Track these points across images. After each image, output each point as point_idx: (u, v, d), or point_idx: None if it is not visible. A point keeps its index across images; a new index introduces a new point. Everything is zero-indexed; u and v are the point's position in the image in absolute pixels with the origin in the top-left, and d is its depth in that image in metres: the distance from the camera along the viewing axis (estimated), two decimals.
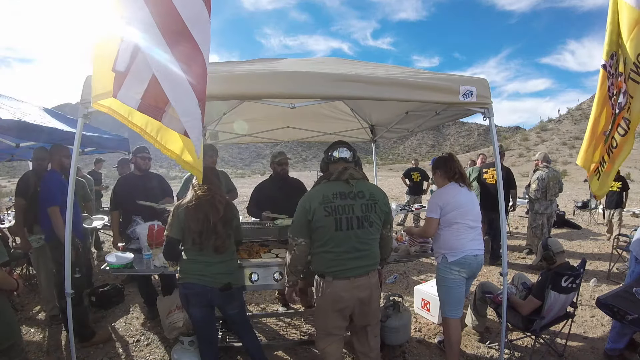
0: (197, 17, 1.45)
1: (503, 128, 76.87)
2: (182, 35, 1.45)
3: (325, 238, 1.99)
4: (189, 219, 2.15)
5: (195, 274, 2.19)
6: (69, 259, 2.25)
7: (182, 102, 1.46)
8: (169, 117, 1.52)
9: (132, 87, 1.49)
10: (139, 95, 1.51)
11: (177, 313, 3.09)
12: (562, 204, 9.63)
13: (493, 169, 5.20)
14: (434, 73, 2.51)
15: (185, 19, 1.45)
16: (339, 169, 2.07)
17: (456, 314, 2.57)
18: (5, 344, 1.86)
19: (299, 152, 75.12)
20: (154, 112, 1.53)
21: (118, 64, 1.47)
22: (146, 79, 1.49)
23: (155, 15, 1.44)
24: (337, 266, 1.99)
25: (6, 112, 3.02)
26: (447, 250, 2.53)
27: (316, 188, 2.08)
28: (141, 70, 1.48)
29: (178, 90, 1.46)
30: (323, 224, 1.97)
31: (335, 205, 1.97)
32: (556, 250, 2.71)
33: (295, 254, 2.05)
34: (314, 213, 1.96)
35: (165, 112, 1.52)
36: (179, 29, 1.45)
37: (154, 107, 1.51)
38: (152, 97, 1.50)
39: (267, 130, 4.68)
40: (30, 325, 3.52)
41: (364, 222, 2.00)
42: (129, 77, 1.49)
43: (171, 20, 1.45)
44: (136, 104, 1.52)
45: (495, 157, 2.69)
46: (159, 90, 1.47)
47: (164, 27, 1.45)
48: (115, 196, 3.59)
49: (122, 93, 1.50)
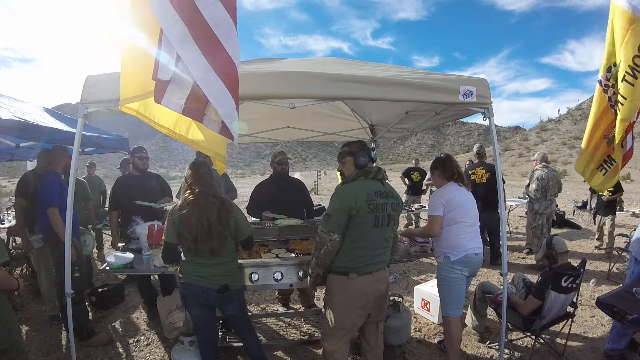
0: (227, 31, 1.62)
1: (503, 128, 76.89)
2: (215, 46, 1.61)
3: (362, 234, 2.03)
4: (182, 227, 2.11)
5: (193, 275, 2.19)
6: (69, 259, 2.25)
7: (223, 105, 1.63)
8: (208, 118, 1.69)
9: (174, 93, 1.65)
10: (182, 101, 1.67)
11: (177, 313, 3.09)
12: (562, 204, 9.64)
13: (481, 168, 5.19)
14: (433, 73, 2.51)
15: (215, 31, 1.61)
16: (374, 168, 2.16)
17: (457, 312, 2.58)
18: (6, 344, 1.86)
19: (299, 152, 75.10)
20: (196, 115, 1.69)
21: (160, 74, 1.62)
22: (188, 86, 1.65)
23: (190, 29, 1.59)
24: (364, 262, 2.06)
25: (6, 112, 3.02)
26: (449, 249, 2.54)
27: (356, 184, 2.09)
28: (182, 78, 1.64)
29: (218, 96, 1.62)
30: (364, 221, 2.02)
31: (377, 203, 2.05)
32: (559, 250, 2.71)
33: (327, 250, 2.03)
34: (359, 210, 2.00)
35: (205, 114, 1.69)
36: (210, 39, 1.61)
37: (195, 110, 1.67)
38: (194, 102, 1.66)
39: (267, 130, 4.68)
40: (30, 325, 3.52)
41: (390, 220, 2.13)
42: (171, 85, 1.65)
43: (203, 31, 1.61)
44: (180, 109, 1.68)
45: (495, 157, 2.69)
46: (201, 95, 1.63)
47: (198, 39, 1.60)
48: (114, 196, 3.59)
49: (166, 99, 1.65)
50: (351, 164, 2.18)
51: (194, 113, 1.69)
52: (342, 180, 2.22)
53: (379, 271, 2.12)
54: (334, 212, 2.03)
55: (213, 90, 1.61)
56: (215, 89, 1.60)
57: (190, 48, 1.60)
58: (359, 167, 2.15)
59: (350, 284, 2.05)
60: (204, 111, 1.68)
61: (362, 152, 2.17)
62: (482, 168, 5.18)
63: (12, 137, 3.59)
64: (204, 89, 1.61)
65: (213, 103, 1.63)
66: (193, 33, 1.60)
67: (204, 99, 1.63)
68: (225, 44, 1.61)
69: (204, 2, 1.60)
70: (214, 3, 1.60)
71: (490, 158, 5.22)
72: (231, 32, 1.63)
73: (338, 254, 2.08)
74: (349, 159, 2.19)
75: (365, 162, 2.16)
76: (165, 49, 1.62)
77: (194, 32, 1.60)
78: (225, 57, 1.61)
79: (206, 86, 1.61)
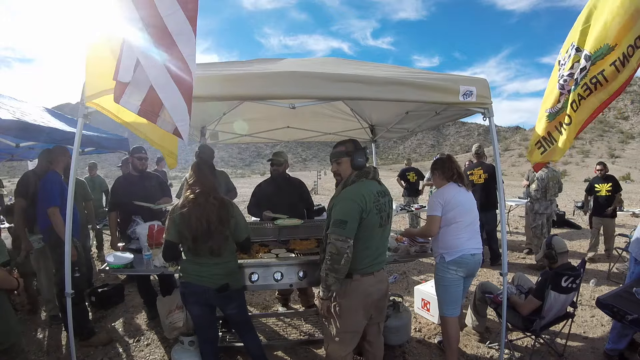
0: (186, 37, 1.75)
1: (503, 128, 76.88)
2: (173, 51, 1.74)
3: (368, 236, 2.02)
4: (182, 225, 2.11)
5: (193, 274, 2.19)
6: (69, 259, 2.25)
7: (176, 109, 1.75)
8: (161, 120, 1.82)
9: (132, 95, 1.76)
10: (138, 102, 1.77)
11: (177, 313, 3.09)
12: (562, 204, 9.64)
13: (479, 169, 5.19)
14: (433, 73, 2.52)
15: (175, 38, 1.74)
16: (372, 168, 2.15)
17: (454, 312, 2.59)
18: (6, 344, 1.86)
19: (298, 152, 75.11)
20: (150, 117, 1.81)
21: (121, 75, 1.71)
22: (145, 89, 1.76)
23: (153, 35, 1.72)
24: (368, 263, 2.05)
25: (6, 112, 3.02)
26: (444, 249, 2.55)
27: (360, 185, 2.04)
28: (140, 81, 1.74)
29: (172, 100, 1.75)
30: (372, 222, 2.00)
31: (380, 203, 2.06)
32: (559, 250, 2.71)
33: (347, 258, 1.91)
34: (369, 212, 1.98)
35: (159, 116, 1.80)
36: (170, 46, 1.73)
37: (150, 112, 1.80)
38: (150, 104, 1.78)
39: (267, 130, 4.68)
40: (30, 325, 3.52)
41: (389, 218, 2.15)
42: (130, 87, 1.75)
43: (164, 37, 1.72)
44: (136, 110, 1.79)
45: (495, 157, 2.69)
46: (156, 98, 1.75)
47: (158, 45, 1.73)
48: (113, 196, 3.59)
49: (124, 100, 1.77)
50: (348, 165, 2.10)
51: (149, 114, 1.79)
52: (342, 183, 2.11)
53: (379, 271, 2.12)
54: (349, 217, 1.92)
55: (168, 95, 1.73)
56: (171, 94, 1.73)
57: (150, 54, 1.71)
58: (357, 168, 2.09)
59: (354, 286, 2.03)
60: (158, 113, 1.80)
61: (359, 153, 2.09)
62: (480, 168, 5.18)
63: (12, 137, 3.59)
64: (160, 93, 1.74)
65: (167, 107, 1.75)
66: (155, 39, 1.72)
67: (159, 102, 1.75)
68: (184, 52, 1.73)
69: (166, 10, 1.70)
70: (176, 12, 1.71)
71: (490, 158, 5.22)
72: (190, 40, 1.75)
73: None
74: (345, 159, 2.11)
75: (364, 162, 2.10)
76: (127, 52, 1.71)
77: (156, 38, 1.72)
78: (182, 65, 1.73)
79: (162, 91, 1.73)
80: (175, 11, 1.72)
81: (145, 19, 1.71)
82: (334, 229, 1.94)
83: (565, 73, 2.73)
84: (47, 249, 3.27)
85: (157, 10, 1.71)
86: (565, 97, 2.76)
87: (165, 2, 1.71)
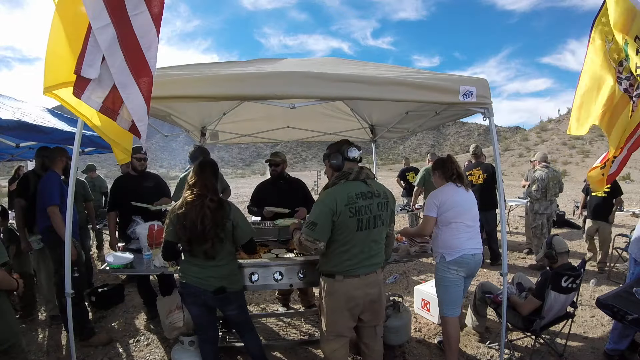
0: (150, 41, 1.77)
1: (503, 128, 76.86)
2: (137, 53, 1.75)
3: (345, 239, 1.99)
4: (178, 227, 2.10)
5: (191, 275, 2.19)
6: (69, 259, 2.25)
7: (136, 108, 1.78)
8: (120, 117, 1.85)
9: (95, 92, 1.77)
10: (100, 100, 1.79)
11: (177, 313, 3.09)
12: (562, 204, 9.62)
13: (478, 169, 5.19)
14: (433, 73, 2.51)
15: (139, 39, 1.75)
16: (355, 169, 2.09)
17: (454, 312, 2.58)
18: (6, 344, 1.86)
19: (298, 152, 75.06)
20: (111, 114, 1.83)
21: (85, 70, 1.70)
22: (107, 88, 1.77)
23: (118, 33, 1.71)
24: (350, 265, 2.01)
25: (6, 112, 3.02)
26: (445, 249, 2.54)
27: (337, 188, 2.04)
28: (104, 79, 1.76)
29: (133, 100, 1.77)
30: (346, 225, 1.96)
31: (359, 206, 1.99)
32: (559, 250, 2.71)
33: (311, 254, 2.05)
34: (340, 214, 1.94)
35: (119, 114, 1.84)
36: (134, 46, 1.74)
37: (111, 110, 1.82)
38: (111, 102, 1.80)
39: (267, 130, 4.68)
40: (30, 325, 3.52)
41: (377, 220, 2.05)
42: (93, 83, 1.75)
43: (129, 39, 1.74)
44: (98, 107, 1.80)
45: (495, 157, 2.69)
46: (117, 97, 1.78)
47: (123, 45, 1.73)
48: (112, 197, 3.59)
49: (86, 96, 1.76)
50: (329, 167, 2.16)
51: (109, 112, 1.82)
52: (325, 185, 2.16)
53: (368, 275, 2.05)
54: (317, 219, 1.96)
55: (129, 95, 1.77)
56: (132, 93, 1.76)
57: (116, 52, 1.72)
58: (336, 170, 2.13)
59: (337, 286, 2.03)
60: (118, 111, 1.82)
61: (335, 154, 2.13)
62: (479, 169, 5.18)
63: (12, 137, 3.59)
64: (122, 92, 1.76)
65: (128, 106, 1.78)
66: (120, 38, 1.72)
67: (120, 100, 1.78)
68: (146, 53, 1.76)
69: (133, 10, 1.72)
70: (142, 12, 1.73)
71: (490, 158, 5.22)
72: (153, 42, 1.78)
73: (324, 258, 2.08)
74: (326, 162, 2.18)
75: (338, 164, 2.12)
76: (93, 48, 1.71)
77: (120, 37, 1.72)
78: (144, 65, 1.76)
79: (124, 90, 1.76)
80: (142, 12, 1.73)
81: (112, 15, 1.70)
82: (304, 229, 2.02)
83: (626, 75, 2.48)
84: (47, 249, 3.27)
85: (125, 8, 1.71)
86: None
87: (134, 0, 1.71)
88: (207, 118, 4.13)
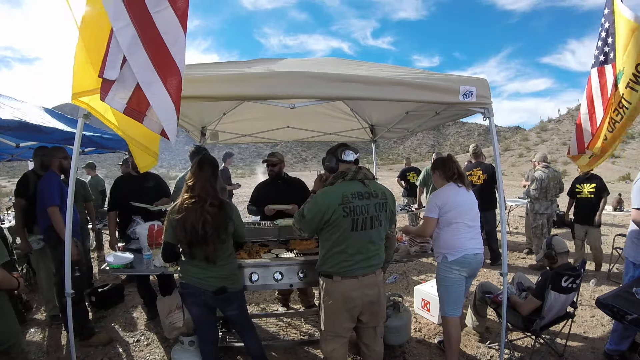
0: (175, 37, 1.71)
1: (503, 128, 76.79)
2: (162, 51, 1.70)
3: (340, 238, 1.99)
4: (177, 229, 2.07)
5: (191, 276, 2.18)
6: (69, 259, 2.25)
7: (163, 109, 1.72)
8: (148, 119, 1.78)
9: (118, 93, 1.72)
10: (124, 101, 1.74)
11: (177, 313, 3.09)
12: (562, 204, 9.62)
13: (478, 169, 5.18)
14: (433, 73, 2.52)
15: (163, 36, 1.70)
16: (352, 169, 2.10)
17: (455, 312, 2.58)
18: (6, 344, 1.86)
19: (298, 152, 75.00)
20: (136, 116, 1.77)
21: (107, 72, 1.67)
22: (131, 87, 1.72)
23: (140, 32, 1.66)
24: (347, 266, 2.01)
25: (6, 112, 3.02)
26: (446, 249, 2.54)
27: (332, 187, 2.05)
28: (127, 79, 1.70)
29: (159, 100, 1.71)
30: (340, 225, 1.97)
31: (354, 205, 1.98)
32: (559, 250, 2.71)
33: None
34: (333, 213, 1.95)
35: (146, 115, 1.77)
36: (158, 44, 1.69)
37: (137, 111, 1.77)
38: (136, 103, 1.75)
39: (267, 130, 4.69)
40: (30, 325, 3.52)
41: (375, 221, 2.04)
42: (116, 84, 1.71)
43: (152, 35, 1.68)
44: (122, 108, 1.75)
45: (495, 157, 2.69)
46: (143, 98, 1.71)
47: (146, 43, 1.68)
48: (112, 196, 3.59)
49: (110, 98, 1.71)
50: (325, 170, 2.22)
51: (135, 113, 1.76)
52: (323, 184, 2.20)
53: (367, 275, 2.04)
54: (307, 211, 2.02)
55: (155, 94, 1.69)
56: (158, 93, 1.69)
57: (138, 51, 1.67)
58: (330, 172, 2.18)
59: (335, 287, 2.03)
60: (145, 112, 1.77)
61: (330, 157, 2.19)
62: (479, 169, 5.18)
63: (12, 137, 3.59)
64: (147, 92, 1.70)
65: (154, 106, 1.71)
66: (142, 36, 1.67)
67: (146, 101, 1.72)
68: (172, 50, 1.69)
69: (155, 7, 1.66)
70: (166, 8, 1.67)
71: (490, 158, 5.22)
72: (179, 37, 1.71)
73: (322, 258, 2.08)
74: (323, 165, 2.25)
75: (332, 165, 2.18)
76: (114, 49, 1.67)
77: (143, 36, 1.67)
78: (170, 63, 1.69)
79: (149, 90, 1.69)
80: (165, 8, 1.68)
81: (132, 14, 1.66)
82: (295, 216, 2.11)
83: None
84: (47, 248, 3.27)
85: (145, 6, 1.67)
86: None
87: None
88: (207, 118, 4.13)
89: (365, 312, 2.08)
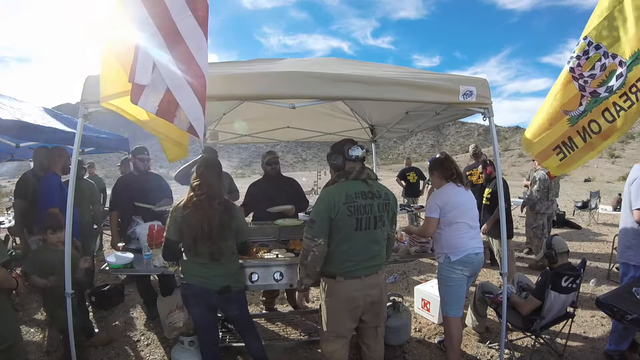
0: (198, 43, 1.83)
1: (503, 128, 76.74)
2: (186, 54, 1.82)
3: (344, 238, 1.98)
4: (183, 225, 2.08)
5: (194, 276, 2.17)
6: (69, 259, 2.25)
7: (191, 110, 1.84)
8: (178, 119, 1.91)
9: (150, 96, 1.86)
10: (156, 104, 1.88)
11: (177, 313, 3.09)
12: (562, 204, 9.63)
13: (477, 169, 5.19)
14: (433, 73, 2.52)
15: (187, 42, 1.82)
16: (356, 168, 2.08)
17: (457, 312, 2.58)
18: (5, 344, 1.87)
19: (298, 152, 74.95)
20: (168, 116, 1.90)
21: (138, 78, 1.80)
22: (162, 91, 1.86)
23: (165, 39, 1.81)
24: (350, 266, 2.00)
25: (6, 112, 3.02)
26: (449, 249, 2.54)
27: (336, 186, 2.04)
28: (158, 83, 1.85)
29: (187, 101, 1.84)
30: (344, 224, 1.96)
31: (358, 205, 1.98)
32: (559, 250, 2.71)
33: (314, 256, 1.98)
34: (338, 212, 1.95)
35: (176, 116, 1.90)
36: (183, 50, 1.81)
37: (167, 112, 1.89)
38: (167, 105, 1.88)
39: (267, 130, 4.68)
40: (30, 325, 3.52)
41: (379, 222, 2.04)
42: (147, 89, 1.84)
43: (177, 41, 1.81)
44: (154, 111, 1.89)
45: (495, 157, 2.69)
46: (172, 99, 1.86)
47: (171, 49, 1.82)
48: (114, 196, 3.59)
49: (142, 101, 1.86)
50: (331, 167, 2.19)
51: (166, 115, 1.90)
52: (325, 184, 2.17)
53: (369, 276, 2.04)
54: (317, 217, 1.98)
55: (183, 96, 1.84)
56: (185, 95, 1.83)
57: (165, 57, 1.82)
58: (336, 170, 2.14)
59: (337, 287, 2.02)
60: (175, 113, 1.89)
61: (336, 155, 2.14)
62: (479, 168, 5.18)
63: (12, 137, 3.59)
64: (176, 95, 1.84)
65: (183, 107, 1.85)
66: (168, 43, 1.81)
67: (175, 103, 1.86)
68: (196, 54, 1.82)
69: (178, 16, 1.80)
70: (188, 17, 1.80)
71: (490, 158, 5.21)
72: (201, 43, 1.83)
73: (325, 258, 2.06)
74: (328, 162, 2.21)
75: (338, 164, 2.13)
76: (143, 55, 1.80)
77: (168, 43, 1.81)
78: (195, 67, 1.82)
79: (177, 92, 1.84)
80: (187, 17, 1.80)
81: (157, 23, 1.79)
82: (306, 228, 2.05)
83: (585, 73, 2.58)
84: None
85: (169, 14, 1.79)
86: (587, 100, 2.60)
87: (177, 7, 1.79)
88: (207, 118, 4.12)
89: (367, 312, 2.08)
